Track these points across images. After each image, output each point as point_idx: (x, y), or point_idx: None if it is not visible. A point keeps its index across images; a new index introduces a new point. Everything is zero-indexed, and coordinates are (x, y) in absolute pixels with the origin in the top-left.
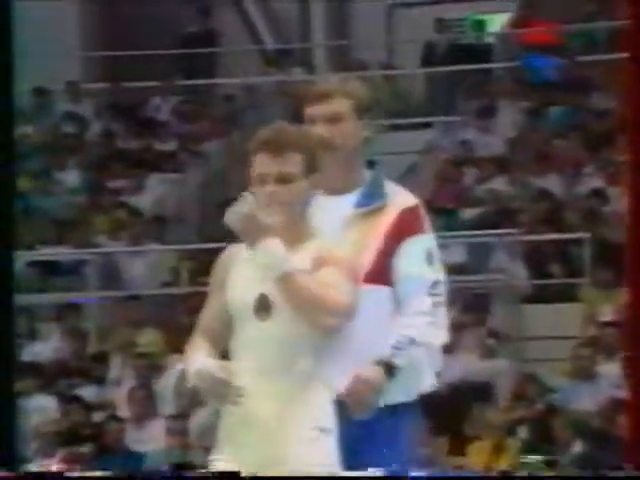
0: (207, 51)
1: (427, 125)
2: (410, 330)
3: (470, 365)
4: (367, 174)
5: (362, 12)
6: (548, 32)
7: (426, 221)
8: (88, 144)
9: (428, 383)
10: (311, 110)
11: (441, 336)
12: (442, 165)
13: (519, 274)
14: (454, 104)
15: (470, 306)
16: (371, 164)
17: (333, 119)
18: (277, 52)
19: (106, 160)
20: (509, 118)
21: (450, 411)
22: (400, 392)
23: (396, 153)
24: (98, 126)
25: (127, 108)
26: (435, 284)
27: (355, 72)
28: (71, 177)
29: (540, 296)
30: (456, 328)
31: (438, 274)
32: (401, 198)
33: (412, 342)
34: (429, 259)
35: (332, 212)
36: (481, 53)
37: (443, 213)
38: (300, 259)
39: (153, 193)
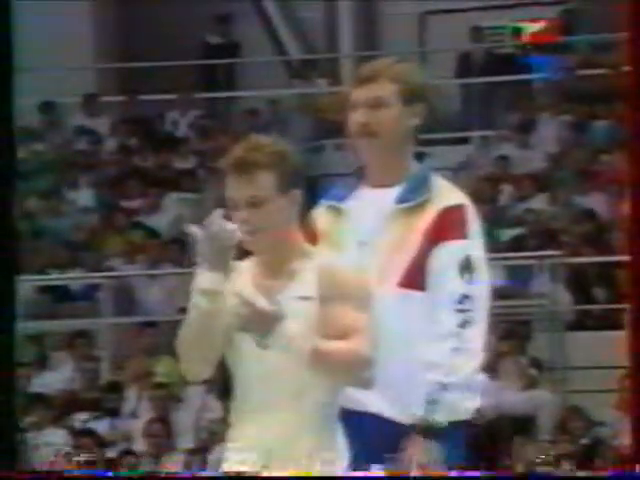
0: (228, 62)
1: (463, 140)
2: (437, 372)
3: (510, 396)
4: (415, 167)
5: (393, 20)
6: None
7: (472, 224)
8: (101, 161)
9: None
10: (354, 94)
11: (470, 362)
12: (478, 182)
13: (561, 299)
14: (491, 118)
15: (509, 333)
16: (420, 156)
17: (375, 104)
18: (302, 63)
19: (120, 178)
20: (550, 132)
21: (488, 444)
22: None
23: None
24: (112, 142)
25: (143, 123)
26: (464, 298)
27: None
28: (83, 196)
29: (584, 323)
30: (495, 357)
31: (471, 287)
32: (446, 195)
33: (443, 387)
34: (463, 269)
35: (373, 206)
36: (521, 63)
37: None
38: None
39: (171, 213)
